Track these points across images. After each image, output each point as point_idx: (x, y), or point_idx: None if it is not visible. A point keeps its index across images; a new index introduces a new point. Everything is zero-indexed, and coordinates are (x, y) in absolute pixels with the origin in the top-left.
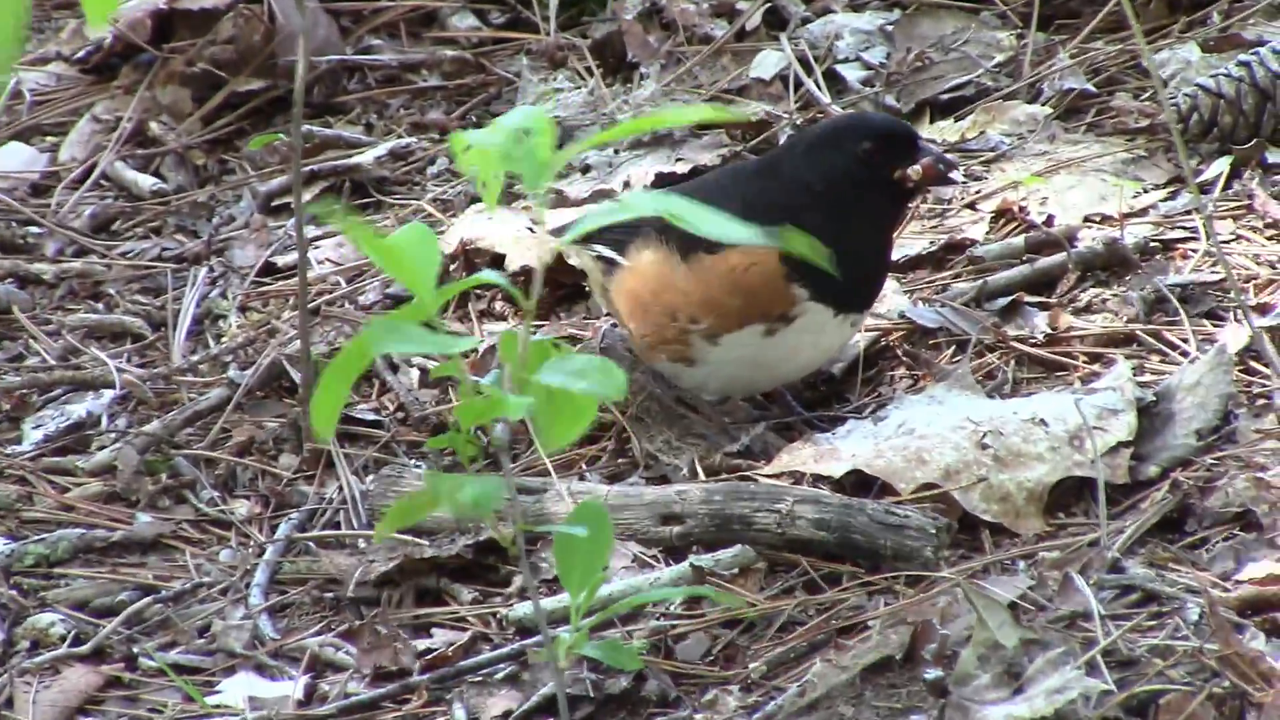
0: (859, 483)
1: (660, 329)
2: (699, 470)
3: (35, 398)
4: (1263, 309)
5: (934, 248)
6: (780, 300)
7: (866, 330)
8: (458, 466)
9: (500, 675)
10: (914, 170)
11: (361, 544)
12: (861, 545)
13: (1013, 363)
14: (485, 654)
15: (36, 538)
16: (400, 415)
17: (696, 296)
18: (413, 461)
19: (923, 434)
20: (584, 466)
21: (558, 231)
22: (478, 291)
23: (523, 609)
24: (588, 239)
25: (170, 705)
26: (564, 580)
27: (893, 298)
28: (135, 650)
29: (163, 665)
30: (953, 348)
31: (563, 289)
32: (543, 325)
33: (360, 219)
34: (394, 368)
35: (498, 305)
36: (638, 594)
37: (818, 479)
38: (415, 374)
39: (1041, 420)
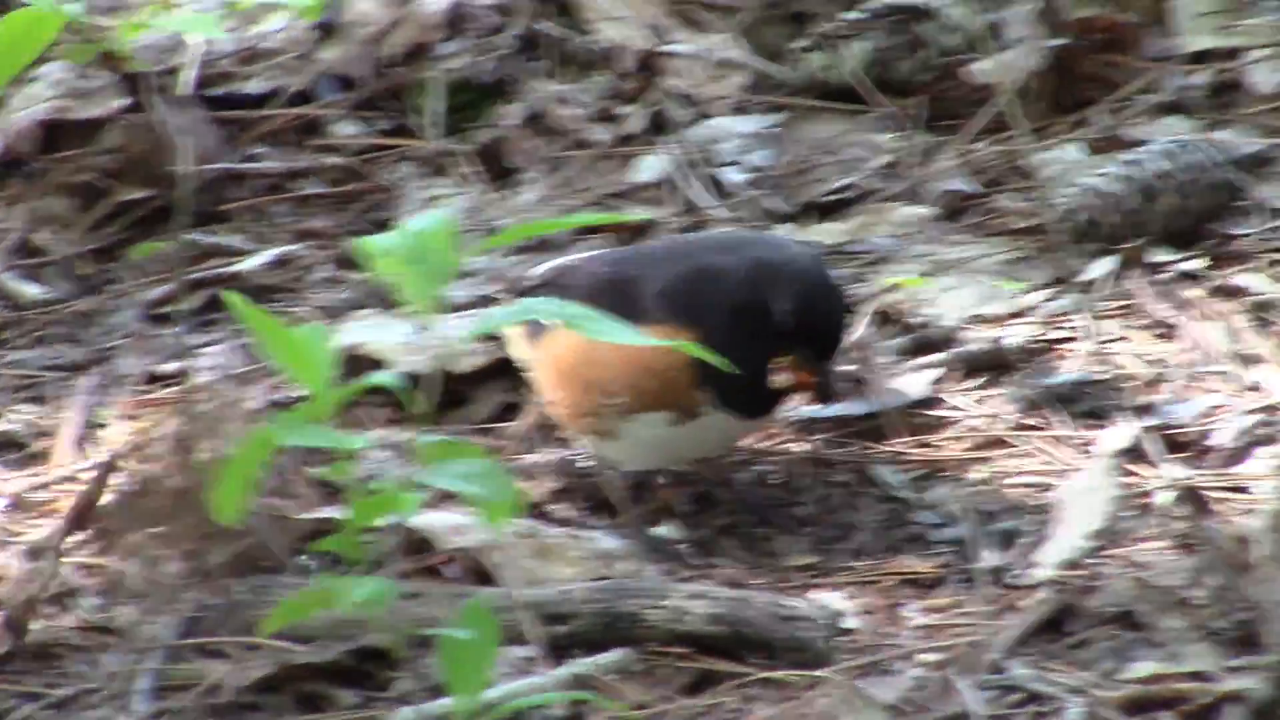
0: None
1: (578, 401)
2: None
3: None
4: (1146, 409)
5: None
6: (686, 400)
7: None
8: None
9: None
10: (781, 380)
11: (244, 648)
12: (754, 639)
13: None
14: None
15: None
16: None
17: (613, 372)
18: (302, 559)
19: None
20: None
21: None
22: (361, 398)
23: (407, 713)
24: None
25: None
26: (449, 684)
27: None
28: None
29: None
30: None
31: (445, 394)
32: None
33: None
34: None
35: (382, 412)
36: (520, 698)
37: None
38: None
39: None
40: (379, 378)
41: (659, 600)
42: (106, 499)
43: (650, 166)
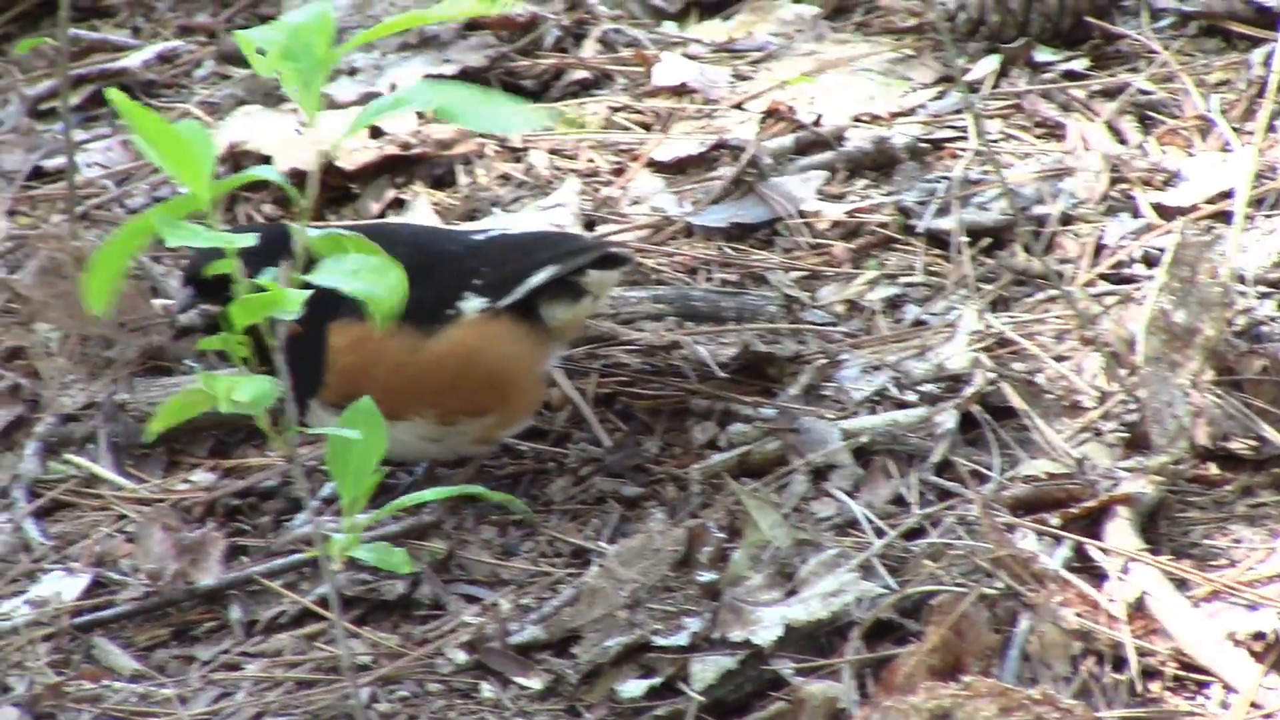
0: None
1: None
2: None
3: None
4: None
5: (702, 147)
6: None
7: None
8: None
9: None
10: None
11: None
12: (703, 311)
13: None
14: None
15: None
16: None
17: None
18: (187, 361)
19: None
20: None
21: None
22: (245, 195)
23: (300, 519)
24: None
25: None
26: (337, 481)
27: (659, 197)
28: None
29: None
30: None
31: (331, 191)
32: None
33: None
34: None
35: (265, 208)
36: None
37: None
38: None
39: None
40: (259, 171)
41: None
42: (22, 274)
43: None
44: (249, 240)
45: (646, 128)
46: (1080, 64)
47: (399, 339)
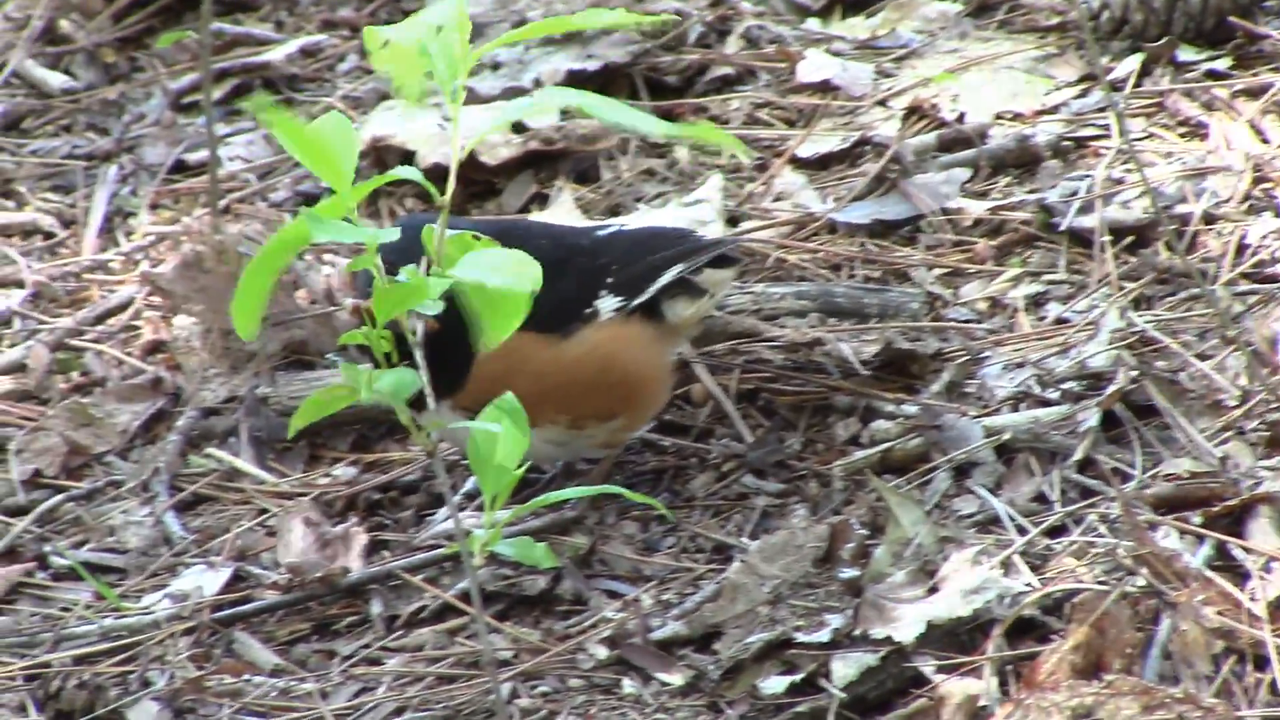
0: None
1: None
2: None
3: None
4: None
5: (846, 144)
6: None
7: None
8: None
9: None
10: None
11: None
12: (846, 308)
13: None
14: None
15: None
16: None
17: None
18: (330, 355)
19: None
20: None
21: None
22: (388, 190)
23: (439, 516)
24: None
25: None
26: (478, 476)
27: (802, 193)
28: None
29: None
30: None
31: (475, 186)
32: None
33: (282, 110)
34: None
35: (409, 202)
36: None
37: None
38: (327, 271)
39: None
40: (401, 171)
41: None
42: (164, 268)
43: None
44: (390, 235)
45: (790, 124)
46: (1223, 63)
47: (543, 346)
